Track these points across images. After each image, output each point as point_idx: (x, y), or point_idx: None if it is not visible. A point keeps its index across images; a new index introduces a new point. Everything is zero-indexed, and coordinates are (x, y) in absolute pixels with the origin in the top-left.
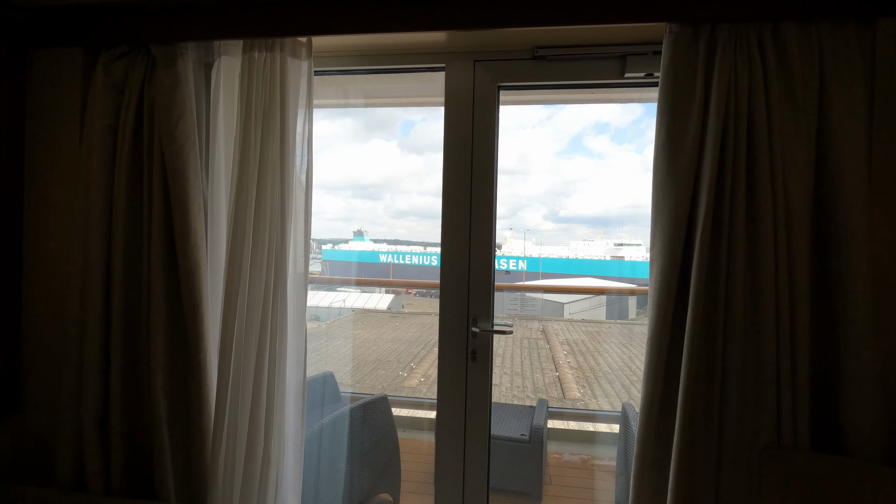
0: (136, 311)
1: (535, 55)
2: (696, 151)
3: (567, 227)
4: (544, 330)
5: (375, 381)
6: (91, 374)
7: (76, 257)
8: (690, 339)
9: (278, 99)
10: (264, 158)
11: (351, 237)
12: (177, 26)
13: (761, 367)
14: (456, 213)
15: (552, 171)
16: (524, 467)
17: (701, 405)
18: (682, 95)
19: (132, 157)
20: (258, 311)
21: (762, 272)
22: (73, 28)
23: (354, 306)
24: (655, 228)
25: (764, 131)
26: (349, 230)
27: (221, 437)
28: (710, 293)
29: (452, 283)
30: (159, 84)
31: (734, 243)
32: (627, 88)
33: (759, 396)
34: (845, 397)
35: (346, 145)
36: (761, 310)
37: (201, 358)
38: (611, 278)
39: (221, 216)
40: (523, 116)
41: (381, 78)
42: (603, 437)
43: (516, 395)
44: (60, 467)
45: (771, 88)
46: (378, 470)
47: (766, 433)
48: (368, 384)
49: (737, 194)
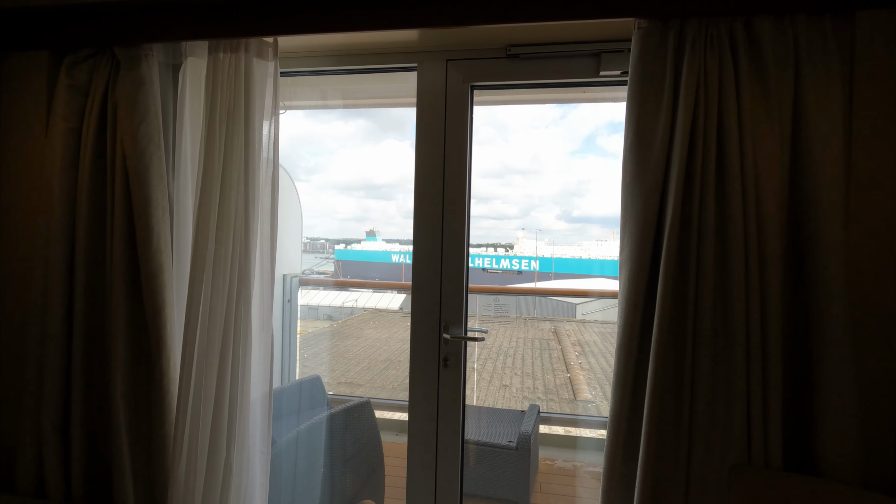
0: (100, 317)
1: (509, 54)
2: (665, 153)
3: (580, 227)
4: (556, 331)
5: (386, 381)
6: (51, 380)
7: (38, 261)
8: (657, 349)
9: (243, 100)
10: (228, 160)
11: (363, 237)
12: (140, 28)
13: (731, 378)
14: (427, 215)
15: (565, 170)
16: (511, 474)
17: (669, 418)
18: (650, 94)
19: (95, 160)
20: (221, 317)
21: (732, 278)
22: (41, 31)
23: (366, 306)
24: (624, 232)
25: (734, 131)
26: (362, 230)
27: (182, 447)
28: (677, 300)
29: (424, 289)
30: (122, 86)
31: (703, 248)
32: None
33: (728, 411)
34: (820, 413)
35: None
36: (731, 318)
37: (163, 364)
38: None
39: (188, 220)
40: (536, 116)
41: (358, 78)
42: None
43: (527, 396)
44: (21, 474)
45: (742, 86)
46: (362, 476)
47: (736, 450)
48: (379, 383)
49: (706, 196)
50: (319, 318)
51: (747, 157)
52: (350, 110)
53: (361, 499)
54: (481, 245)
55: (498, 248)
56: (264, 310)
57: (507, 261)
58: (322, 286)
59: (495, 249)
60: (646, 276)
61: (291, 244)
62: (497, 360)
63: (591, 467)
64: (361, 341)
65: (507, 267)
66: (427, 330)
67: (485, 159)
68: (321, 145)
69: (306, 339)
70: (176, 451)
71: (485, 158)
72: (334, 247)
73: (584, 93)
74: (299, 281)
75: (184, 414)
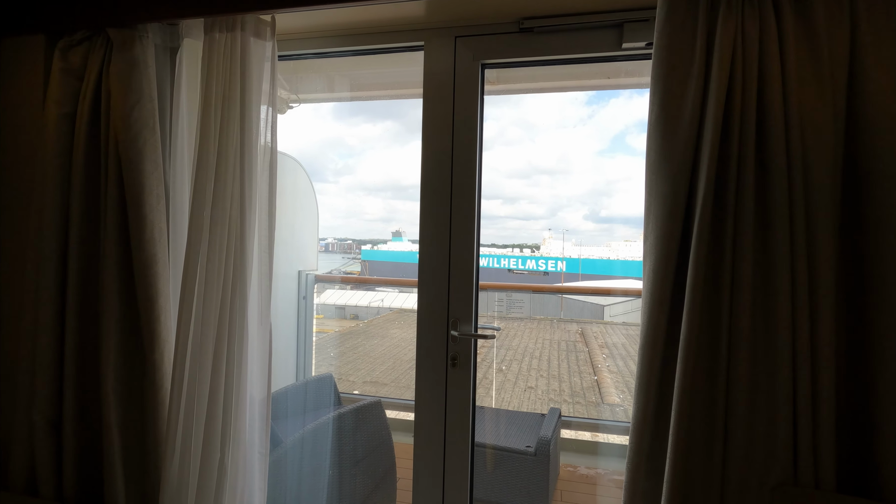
0: (94, 309)
1: (522, 27)
2: (695, 126)
3: (608, 227)
4: (583, 332)
5: (411, 381)
6: (43, 374)
7: (31, 253)
8: (685, 349)
9: (239, 82)
10: (224, 145)
11: (389, 238)
12: (133, 7)
13: (774, 384)
14: (435, 207)
15: (593, 170)
16: (528, 481)
17: (699, 429)
18: (679, 62)
19: (89, 146)
20: (215, 310)
21: (775, 267)
22: (38, 15)
23: (392, 306)
24: (648, 220)
25: (778, 99)
26: (388, 231)
27: (175, 445)
28: (710, 293)
29: (431, 283)
30: (115, 69)
31: (741, 235)
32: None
33: (771, 421)
34: (881, 427)
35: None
36: (774, 313)
37: (157, 358)
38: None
39: (185, 208)
40: (564, 115)
41: (365, 64)
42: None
43: (552, 398)
44: (13, 470)
45: (787, 48)
46: (374, 479)
47: (780, 467)
48: (404, 383)
49: (744, 174)
50: (346, 317)
51: (793, 129)
52: (378, 112)
53: (373, 502)
54: (507, 245)
55: (524, 249)
56: (262, 304)
57: (534, 261)
58: (347, 285)
59: (521, 250)
60: (673, 267)
61: (308, 241)
62: (522, 362)
63: (617, 475)
64: (387, 341)
65: (534, 268)
66: (434, 327)
67: (512, 159)
68: (350, 147)
69: (332, 338)
70: (168, 450)
71: (512, 159)
72: (361, 247)
73: (608, 79)
74: (315, 277)
75: (176, 411)
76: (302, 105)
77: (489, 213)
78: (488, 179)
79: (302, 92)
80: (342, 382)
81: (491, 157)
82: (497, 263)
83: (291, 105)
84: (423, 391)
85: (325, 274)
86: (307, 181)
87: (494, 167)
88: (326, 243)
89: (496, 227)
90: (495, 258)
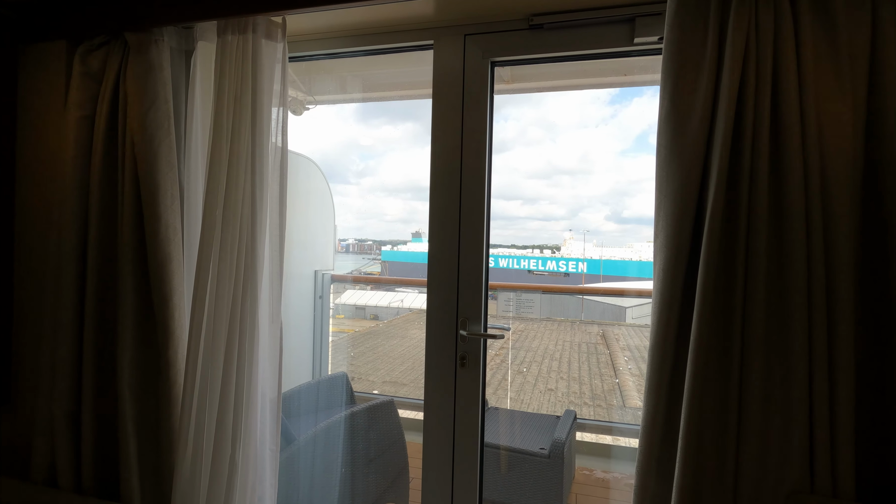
0: (111, 306)
1: (531, 24)
2: (707, 123)
3: (630, 227)
4: (604, 334)
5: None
6: (62, 369)
7: (52, 251)
8: (696, 350)
9: (250, 84)
10: (235, 146)
11: (409, 238)
12: (148, 11)
13: (789, 386)
14: (444, 205)
15: (616, 169)
16: (542, 483)
17: (711, 432)
18: (690, 56)
19: (107, 147)
20: (227, 308)
21: (791, 270)
22: (58, 21)
23: (412, 306)
24: (658, 216)
25: (793, 92)
26: (408, 232)
27: (187, 440)
28: (722, 293)
29: (440, 282)
30: (132, 72)
31: (754, 234)
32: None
33: (786, 425)
34: None
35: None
36: (789, 314)
37: (171, 355)
38: None
39: (198, 208)
40: (585, 115)
41: (376, 64)
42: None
43: (573, 401)
44: (35, 462)
45: (803, 38)
46: (387, 478)
47: (795, 474)
48: (423, 384)
49: (757, 170)
50: (366, 317)
51: (809, 124)
52: (398, 113)
53: (385, 501)
54: (527, 247)
55: (544, 250)
56: (273, 303)
57: (554, 262)
58: (367, 286)
59: (541, 251)
60: (683, 266)
61: (324, 241)
62: (542, 364)
63: (633, 480)
64: (406, 341)
65: (554, 269)
66: (443, 326)
67: (532, 160)
68: (371, 149)
69: (352, 338)
70: (181, 445)
71: (532, 159)
72: (381, 248)
73: (623, 76)
74: (331, 277)
75: (189, 406)
76: (323, 107)
77: (509, 214)
78: (508, 180)
79: (317, 93)
80: (362, 382)
81: (511, 157)
82: (517, 264)
83: (308, 106)
84: (431, 391)
85: (341, 274)
86: (323, 182)
87: (514, 167)
88: (347, 244)
89: (516, 227)
90: (515, 259)
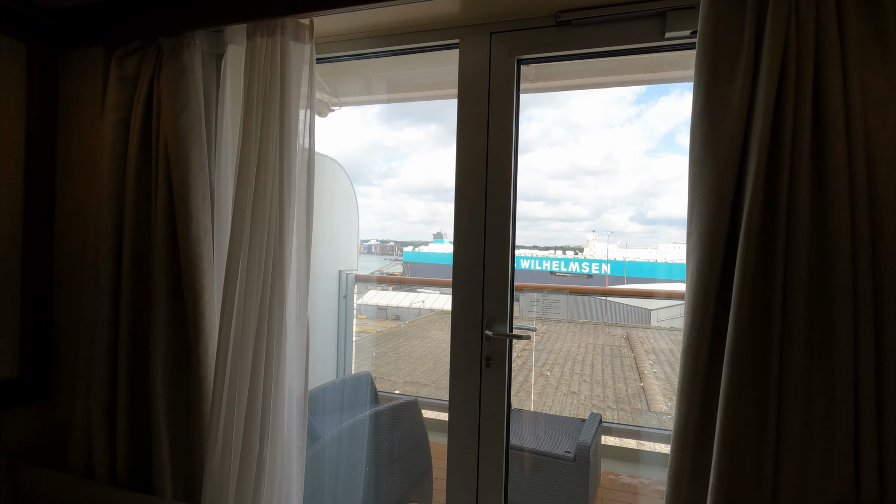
0: (145, 304)
1: (559, 21)
2: (744, 117)
3: (655, 229)
4: (628, 337)
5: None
6: (99, 364)
7: (90, 249)
8: (732, 353)
9: (279, 86)
10: (264, 147)
11: (431, 240)
12: (181, 16)
13: (833, 391)
14: (469, 205)
15: (641, 170)
16: (567, 487)
17: (748, 438)
18: (726, 48)
19: (142, 149)
20: (255, 307)
21: (834, 268)
22: (96, 27)
23: (433, 307)
24: (692, 214)
25: (837, 87)
26: (430, 233)
27: (217, 437)
28: (759, 296)
29: (465, 283)
30: (165, 75)
31: (794, 231)
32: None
33: (830, 431)
34: None
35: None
36: (833, 316)
37: (201, 352)
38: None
39: (228, 208)
40: (610, 114)
41: (401, 64)
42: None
43: (596, 404)
44: (73, 454)
45: (848, 29)
46: (411, 478)
47: (839, 485)
48: (445, 384)
49: (798, 169)
50: (388, 318)
51: (855, 118)
52: (421, 115)
53: (409, 501)
54: (550, 248)
55: (567, 251)
56: (300, 301)
57: (577, 264)
58: (389, 286)
59: (564, 252)
60: (718, 265)
61: (348, 241)
62: (564, 366)
63: (661, 486)
64: (427, 342)
65: (577, 270)
66: (468, 327)
67: (555, 160)
68: (394, 150)
69: (375, 338)
70: (210, 440)
71: (555, 159)
72: (403, 249)
73: (651, 73)
74: (355, 277)
75: (219, 403)
76: (347, 109)
77: (531, 215)
78: (530, 181)
79: (342, 95)
80: (383, 382)
81: (534, 158)
82: (539, 266)
83: (333, 108)
84: (456, 391)
85: (365, 274)
86: (348, 183)
87: (537, 168)
88: (369, 245)
89: (538, 228)
90: (537, 260)
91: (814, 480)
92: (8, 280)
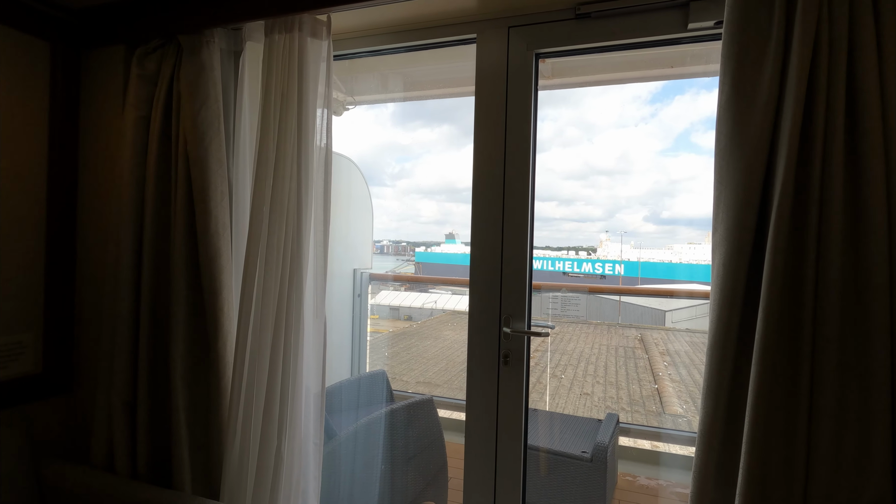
0: (165, 299)
1: (578, 13)
2: (773, 106)
3: (670, 229)
4: (642, 338)
5: (464, 382)
6: (120, 360)
7: (111, 246)
8: (761, 353)
9: (297, 82)
10: (282, 144)
11: (443, 240)
12: (199, 14)
13: (868, 394)
14: (487, 201)
15: (655, 169)
16: (584, 488)
17: (777, 437)
18: (754, 36)
19: (162, 146)
20: (273, 303)
21: (869, 264)
22: (117, 26)
23: (445, 308)
24: (718, 209)
25: (873, 75)
26: (441, 233)
27: (235, 432)
28: (789, 292)
29: (483, 279)
30: (185, 73)
31: (827, 226)
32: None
33: (864, 430)
34: None
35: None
36: (867, 314)
37: (220, 347)
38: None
39: (246, 205)
40: (625, 114)
41: (418, 61)
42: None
43: (609, 405)
44: (94, 448)
45: (884, 13)
46: (426, 477)
47: (874, 487)
48: (457, 384)
49: (831, 161)
50: (400, 318)
51: (891, 107)
52: (435, 116)
53: (424, 500)
54: (562, 248)
55: (580, 252)
56: (318, 298)
57: (590, 264)
58: (402, 286)
59: (577, 252)
60: (746, 260)
61: (363, 240)
62: (578, 367)
63: (679, 488)
64: (440, 342)
65: (590, 271)
66: (486, 324)
67: (568, 160)
68: (407, 151)
69: (388, 338)
70: (229, 435)
71: (568, 159)
72: (415, 249)
73: (671, 67)
74: (370, 276)
75: (237, 398)
76: (360, 109)
77: (544, 215)
78: (544, 181)
79: (357, 93)
80: (396, 382)
81: (547, 158)
82: (551, 266)
83: (347, 107)
84: (474, 389)
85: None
86: (363, 182)
87: (550, 168)
88: (381, 245)
89: (551, 228)
90: (549, 261)
91: (847, 483)
92: (32, 277)
